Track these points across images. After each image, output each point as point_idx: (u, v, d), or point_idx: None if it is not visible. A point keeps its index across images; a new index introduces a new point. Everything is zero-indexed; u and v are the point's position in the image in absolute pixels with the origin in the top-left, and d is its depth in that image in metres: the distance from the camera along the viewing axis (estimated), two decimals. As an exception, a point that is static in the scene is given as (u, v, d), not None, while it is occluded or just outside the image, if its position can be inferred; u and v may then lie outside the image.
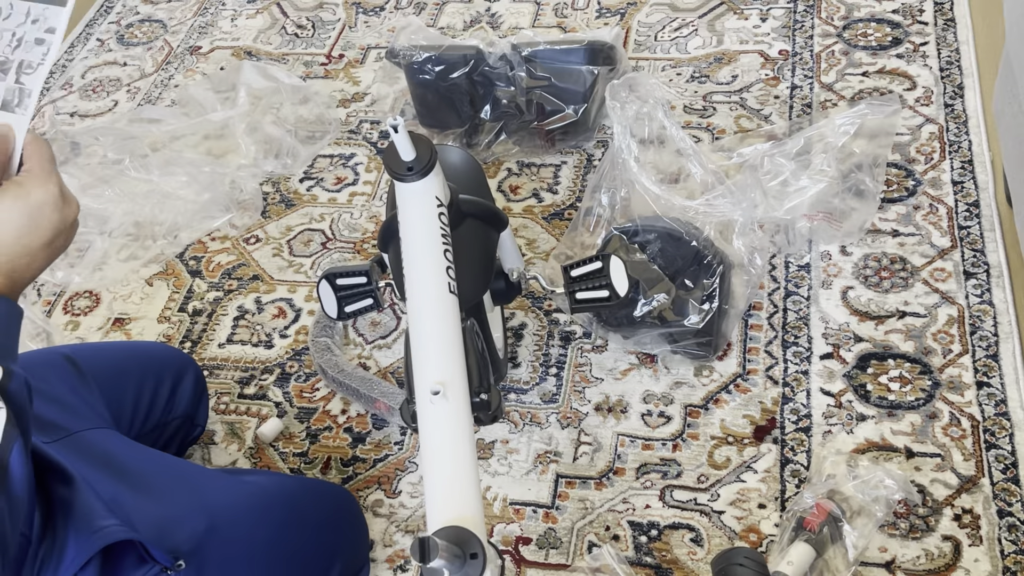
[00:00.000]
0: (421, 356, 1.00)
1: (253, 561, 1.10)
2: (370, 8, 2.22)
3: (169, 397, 1.34)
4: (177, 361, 1.38)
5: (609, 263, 1.28)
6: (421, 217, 1.10)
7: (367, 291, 1.31)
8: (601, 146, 1.80)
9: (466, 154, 1.38)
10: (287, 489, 1.21)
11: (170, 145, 1.88)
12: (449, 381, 0.96)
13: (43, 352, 1.25)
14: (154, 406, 1.31)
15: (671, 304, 1.38)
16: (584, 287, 1.29)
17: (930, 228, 1.57)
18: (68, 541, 0.95)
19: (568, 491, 1.34)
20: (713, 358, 1.44)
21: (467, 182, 1.32)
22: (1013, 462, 1.28)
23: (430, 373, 0.98)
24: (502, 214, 1.29)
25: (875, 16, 1.96)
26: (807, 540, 1.17)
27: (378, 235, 1.29)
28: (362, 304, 1.32)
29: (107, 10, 2.37)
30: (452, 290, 1.06)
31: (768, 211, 1.49)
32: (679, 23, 2.03)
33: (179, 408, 1.36)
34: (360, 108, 1.97)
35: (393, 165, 1.09)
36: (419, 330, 1.03)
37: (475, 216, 1.24)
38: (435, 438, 0.94)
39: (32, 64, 0.94)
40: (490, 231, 1.29)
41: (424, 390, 0.96)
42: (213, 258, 1.74)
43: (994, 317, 1.43)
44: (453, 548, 0.82)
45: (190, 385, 1.37)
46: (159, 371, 1.34)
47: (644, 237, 1.40)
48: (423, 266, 1.07)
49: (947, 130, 1.71)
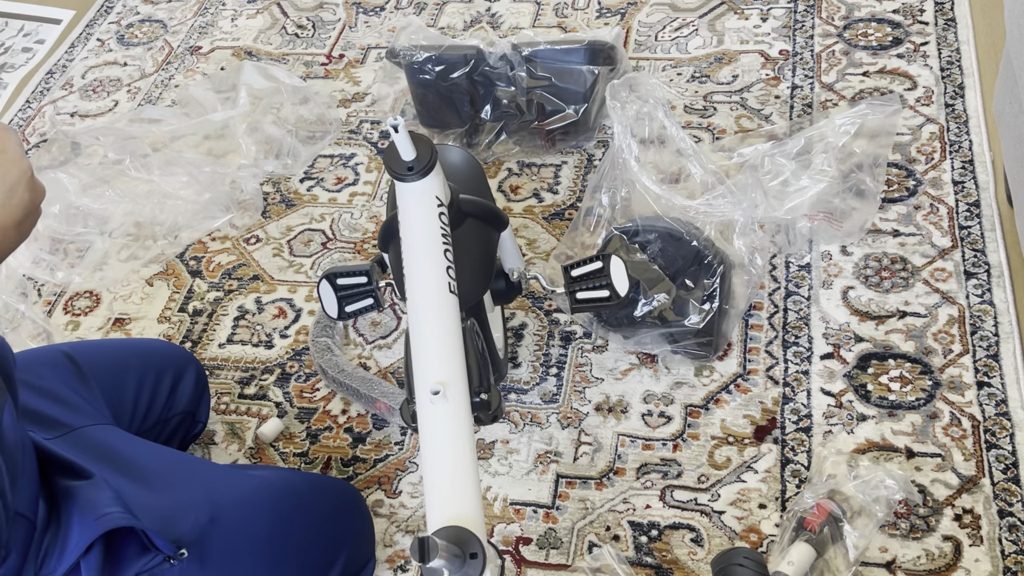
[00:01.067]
0: (421, 356, 1.00)
1: (256, 552, 1.11)
2: (370, 8, 2.22)
3: (170, 394, 1.34)
4: (178, 358, 1.38)
5: (610, 263, 1.28)
6: (421, 217, 1.10)
7: (368, 291, 1.31)
8: (601, 146, 1.80)
9: (467, 154, 1.38)
10: (291, 483, 1.22)
11: (170, 145, 1.88)
12: (449, 381, 0.96)
13: (43, 350, 1.25)
14: (154, 403, 1.32)
15: (671, 304, 1.38)
16: (584, 287, 1.29)
17: (931, 228, 1.56)
18: (72, 527, 0.96)
19: (568, 491, 1.34)
20: (713, 358, 1.44)
21: (468, 182, 1.32)
22: (1014, 462, 1.28)
23: (430, 373, 0.98)
24: (502, 214, 1.29)
25: (875, 16, 1.96)
26: (807, 540, 1.17)
27: (379, 235, 1.29)
28: (363, 304, 1.32)
29: (107, 10, 2.37)
30: (452, 290, 1.06)
31: (769, 211, 1.49)
32: (679, 23, 2.03)
33: (180, 404, 1.36)
34: (360, 108, 1.97)
35: (393, 165, 1.09)
36: (419, 330, 1.03)
37: (475, 216, 1.24)
38: (435, 438, 0.94)
39: (15, 65, 0.95)
40: (490, 231, 1.29)
41: (424, 390, 0.96)
42: (213, 258, 1.74)
43: (995, 317, 1.43)
44: (453, 548, 0.82)
45: (191, 381, 1.37)
46: (160, 367, 1.34)
47: (644, 237, 1.40)
48: (423, 266, 1.07)
49: (948, 130, 1.71)
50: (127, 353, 1.35)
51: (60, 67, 2.20)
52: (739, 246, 1.43)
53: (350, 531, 1.23)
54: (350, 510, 1.26)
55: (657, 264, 1.39)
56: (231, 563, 1.07)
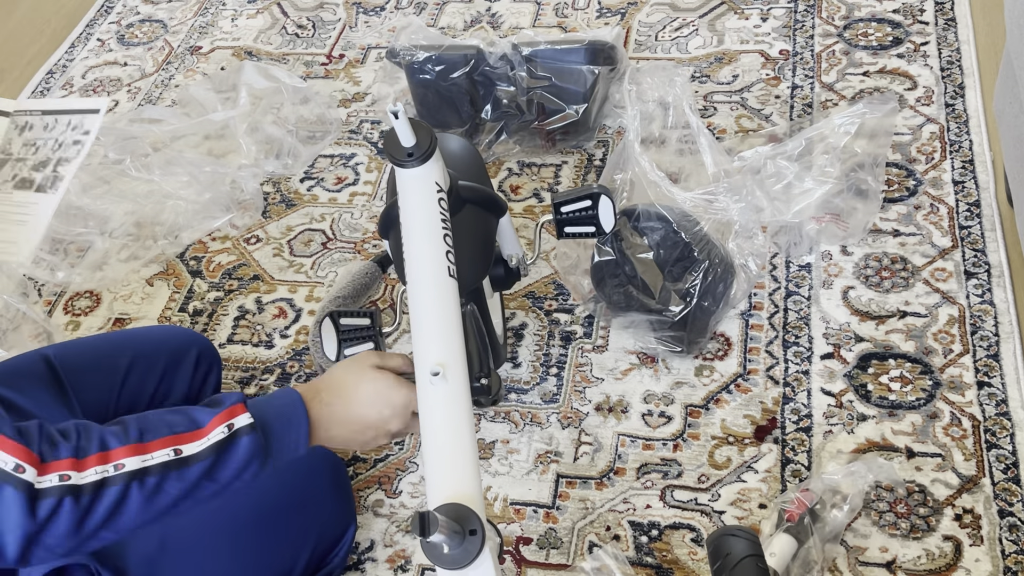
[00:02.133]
0: (421, 338, 1.02)
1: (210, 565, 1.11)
2: (370, 8, 2.22)
3: (160, 381, 1.30)
4: (175, 342, 1.35)
5: (599, 202, 1.30)
6: (421, 202, 1.11)
7: (368, 335, 1.28)
8: (602, 146, 1.80)
9: (465, 142, 1.39)
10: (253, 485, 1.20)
11: (171, 145, 1.88)
12: (448, 363, 0.97)
13: (24, 357, 1.22)
14: (141, 394, 1.28)
15: (658, 291, 1.39)
16: (573, 222, 1.33)
17: (931, 228, 1.56)
18: None
19: (569, 491, 1.34)
20: (689, 356, 1.44)
21: (466, 169, 1.33)
22: (1014, 462, 1.28)
23: (430, 355, 0.99)
24: (501, 200, 1.30)
25: (876, 16, 1.96)
26: (788, 531, 1.18)
27: (378, 221, 1.30)
28: (363, 348, 1.29)
29: (107, 10, 2.37)
30: (452, 274, 1.07)
31: (775, 215, 1.49)
32: (680, 23, 2.03)
33: (178, 390, 1.33)
34: (361, 108, 1.97)
35: (393, 151, 1.10)
36: (419, 313, 1.04)
37: (474, 202, 1.25)
38: (435, 418, 0.95)
39: (68, 159, 1.00)
40: (489, 217, 1.30)
41: (424, 371, 0.97)
42: (214, 258, 1.74)
43: (995, 317, 1.43)
44: (453, 524, 0.83)
45: (190, 366, 1.34)
46: (152, 355, 1.30)
47: (645, 223, 1.41)
48: (423, 250, 1.08)
49: (948, 130, 1.71)
50: (112, 347, 1.30)
51: (60, 67, 2.20)
52: (732, 247, 1.44)
53: (318, 512, 1.22)
54: (315, 488, 1.23)
55: (653, 250, 1.40)
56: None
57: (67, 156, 1.02)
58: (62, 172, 1.02)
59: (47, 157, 1.02)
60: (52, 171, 1.01)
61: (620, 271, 1.44)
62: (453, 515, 0.84)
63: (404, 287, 1.27)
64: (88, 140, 1.02)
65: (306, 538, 1.19)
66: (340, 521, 1.25)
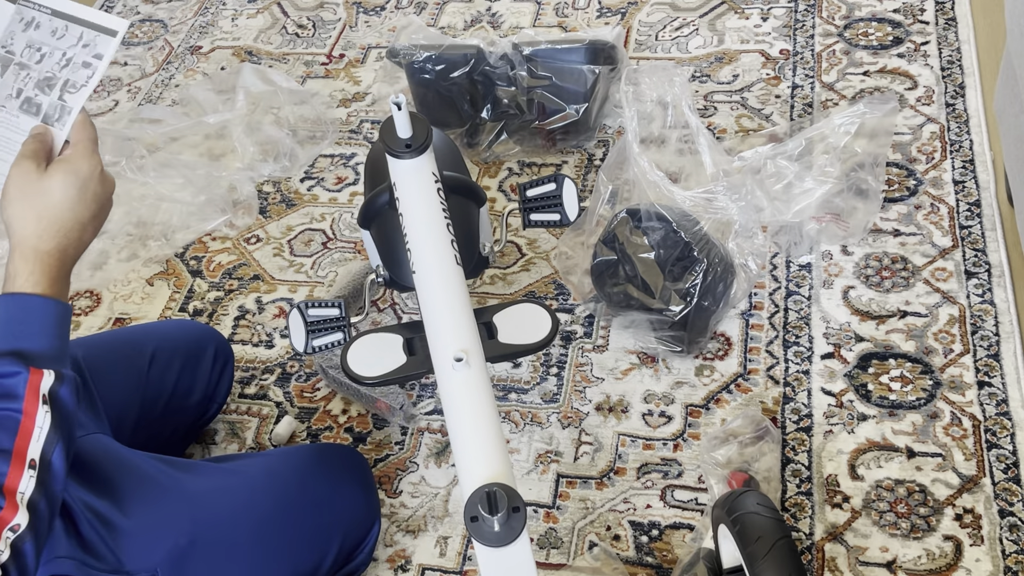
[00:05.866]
0: (440, 327, 1.03)
1: (240, 561, 1.11)
2: (371, 8, 2.22)
3: (178, 379, 1.31)
4: (192, 340, 1.35)
5: (563, 185, 1.31)
6: (422, 193, 1.12)
7: (338, 325, 1.26)
8: (602, 146, 1.80)
9: (440, 132, 1.40)
10: (276, 479, 1.20)
11: (169, 146, 1.88)
12: (469, 348, 1.00)
13: None
14: (161, 392, 1.29)
15: (658, 291, 1.39)
16: (538, 207, 1.34)
17: (931, 228, 1.56)
18: None
19: (569, 491, 1.34)
20: (689, 356, 1.44)
21: (446, 159, 1.34)
22: (1014, 462, 1.28)
23: (451, 342, 1.01)
24: (481, 190, 1.32)
25: (876, 15, 1.96)
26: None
27: (360, 212, 1.29)
28: (331, 338, 1.27)
29: (107, 10, 2.37)
30: (458, 262, 1.08)
31: (776, 215, 1.49)
32: (680, 23, 2.03)
33: (197, 390, 1.34)
34: (361, 108, 1.97)
35: (391, 142, 1.11)
36: (433, 303, 1.05)
37: (458, 192, 1.26)
38: (464, 403, 0.97)
39: (76, 84, 0.98)
40: (472, 206, 1.30)
41: (447, 358, 0.99)
42: (214, 258, 1.74)
43: (995, 317, 1.43)
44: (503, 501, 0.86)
45: (208, 362, 1.35)
46: (170, 353, 1.31)
47: (647, 223, 1.41)
48: (430, 241, 1.09)
49: (948, 129, 1.70)
50: (132, 345, 1.31)
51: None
52: (732, 247, 1.44)
53: (345, 511, 1.22)
54: (343, 487, 1.24)
55: (653, 249, 1.40)
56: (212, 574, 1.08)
57: (75, 80, 1.00)
58: (69, 102, 0.99)
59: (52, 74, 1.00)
60: (59, 98, 0.99)
61: (620, 271, 1.44)
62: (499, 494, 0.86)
63: (371, 274, 1.29)
64: (100, 66, 0.99)
65: (333, 535, 1.19)
66: (366, 518, 1.25)
